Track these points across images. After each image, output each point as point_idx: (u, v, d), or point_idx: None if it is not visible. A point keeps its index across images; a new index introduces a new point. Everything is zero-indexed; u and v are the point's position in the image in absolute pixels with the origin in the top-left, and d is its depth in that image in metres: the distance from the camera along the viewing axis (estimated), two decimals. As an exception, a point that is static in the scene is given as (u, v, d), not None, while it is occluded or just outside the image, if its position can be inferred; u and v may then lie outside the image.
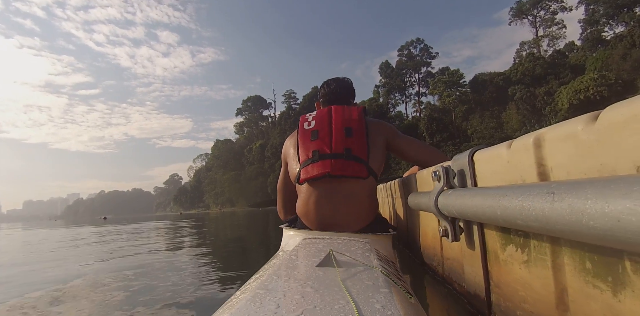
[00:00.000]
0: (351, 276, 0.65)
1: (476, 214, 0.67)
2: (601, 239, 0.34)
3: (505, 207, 0.52)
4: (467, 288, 1.00)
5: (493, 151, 0.76)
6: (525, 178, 0.64)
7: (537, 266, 0.64)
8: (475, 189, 0.70)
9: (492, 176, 0.77)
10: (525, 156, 0.62)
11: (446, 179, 0.92)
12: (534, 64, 41.09)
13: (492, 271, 0.84)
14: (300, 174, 1.42)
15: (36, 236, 7.33)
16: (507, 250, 0.75)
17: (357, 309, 0.46)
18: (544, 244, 0.61)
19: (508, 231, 0.74)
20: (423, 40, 56.99)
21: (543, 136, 0.58)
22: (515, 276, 0.72)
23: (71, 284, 1.97)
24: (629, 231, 0.29)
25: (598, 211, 0.32)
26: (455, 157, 0.95)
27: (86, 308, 1.47)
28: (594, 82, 29.86)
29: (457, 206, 0.77)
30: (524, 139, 0.63)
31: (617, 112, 0.41)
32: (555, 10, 48.06)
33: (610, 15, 38.09)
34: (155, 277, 2.02)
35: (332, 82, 1.81)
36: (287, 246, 1.31)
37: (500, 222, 0.57)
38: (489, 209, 0.59)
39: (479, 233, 0.87)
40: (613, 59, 31.81)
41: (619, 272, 0.45)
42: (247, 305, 0.49)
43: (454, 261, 1.15)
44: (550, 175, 0.57)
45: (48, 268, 2.68)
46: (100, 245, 4.44)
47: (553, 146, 0.55)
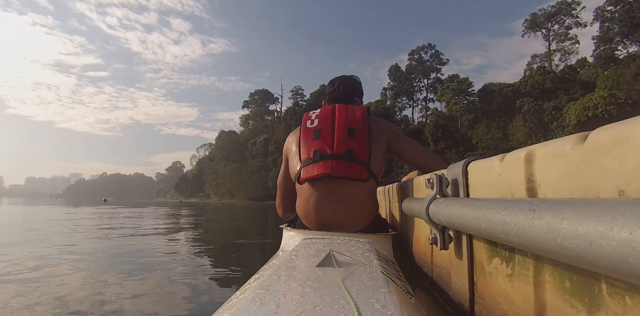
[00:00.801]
0: (351, 276, 0.65)
1: (463, 225, 0.68)
2: (574, 260, 0.34)
3: (490, 220, 0.53)
4: (453, 297, 1.01)
5: (486, 162, 0.76)
6: (514, 192, 0.64)
7: (519, 280, 0.65)
8: (464, 200, 0.71)
9: (483, 188, 0.78)
10: (516, 170, 0.63)
11: (439, 188, 0.92)
12: (544, 78, 40.86)
13: (478, 282, 0.84)
14: (300, 173, 1.41)
15: (36, 215, 7.37)
16: (493, 262, 0.75)
17: (357, 309, 0.47)
18: (527, 259, 0.62)
19: (495, 243, 0.74)
20: (434, 46, 56.83)
21: (534, 151, 0.58)
22: (499, 289, 0.73)
23: (68, 283, 1.88)
24: (599, 255, 0.29)
25: (572, 232, 0.33)
26: (451, 166, 0.95)
27: (85, 308, 1.43)
28: (603, 100, 29.67)
29: (447, 215, 0.77)
30: (516, 154, 0.63)
31: (605, 134, 0.41)
32: (569, 25, 47.81)
33: (625, 34, 37.89)
34: (153, 276, 1.99)
35: (337, 80, 1.78)
36: (287, 246, 1.32)
37: (484, 234, 0.58)
38: (475, 221, 0.60)
39: (467, 243, 0.87)
40: (624, 78, 31.61)
41: (595, 293, 0.45)
42: (247, 305, 0.50)
43: (443, 269, 1.15)
44: (538, 192, 0.57)
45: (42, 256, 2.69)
46: (102, 238, 4.42)
47: (543, 162, 0.55)
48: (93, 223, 5.71)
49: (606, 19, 40.13)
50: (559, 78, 40.58)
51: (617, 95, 29.77)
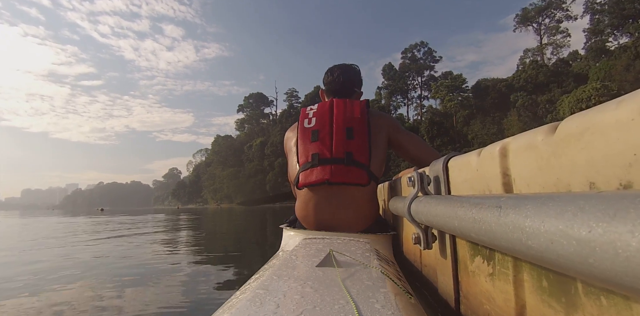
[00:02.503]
0: (351, 276, 0.65)
1: (441, 224, 0.65)
2: (538, 260, 0.31)
3: (462, 218, 0.50)
4: (440, 297, 0.98)
5: (465, 158, 0.73)
6: (492, 187, 0.62)
7: (500, 280, 0.62)
8: (441, 198, 0.68)
9: (463, 184, 0.75)
10: (492, 165, 0.60)
11: (420, 186, 0.89)
12: (537, 72, 41.07)
13: (462, 282, 0.81)
14: (299, 178, 1.38)
15: (29, 225, 7.31)
16: (475, 261, 0.72)
17: (357, 309, 0.46)
18: (507, 258, 0.59)
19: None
20: (427, 44, 57.08)
21: (508, 145, 0.55)
22: (482, 288, 0.70)
23: (66, 283, 1.89)
24: (561, 255, 0.27)
25: (534, 230, 0.30)
26: (432, 163, 0.93)
27: (85, 308, 1.43)
28: (596, 92, 29.82)
29: (426, 213, 0.74)
30: (491, 148, 0.61)
31: (573, 123, 0.38)
32: (560, 19, 48.15)
33: (615, 25, 38.11)
34: (153, 277, 1.98)
35: (337, 69, 1.70)
36: (287, 246, 1.31)
37: (458, 233, 0.55)
38: (449, 219, 0.57)
39: (450, 242, 0.85)
40: (616, 70, 31.82)
41: (572, 293, 0.42)
42: (247, 305, 0.49)
43: (430, 269, 1.12)
44: (513, 186, 0.54)
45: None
46: (99, 240, 4.40)
47: (516, 156, 0.53)
48: (89, 229, 5.66)
49: (596, 11, 40.36)
50: (552, 71, 40.80)
51: (609, 86, 29.92)
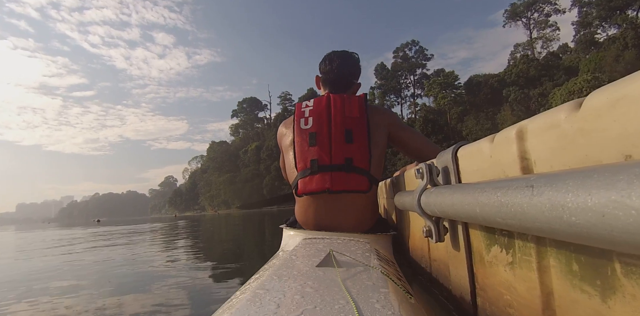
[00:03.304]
0: (351, 276, 0.65)
1: (457, 213, 0.63)
2: (585, 237, 0.29)
3: (484, 204, 0.48)
4: (454, 292, 0.96)
5: (476, 146, 0.72)
6: (508, 173, 0.60)
7: (522, 268, 0.60)
8: (455, 186, 0.66)
9: (475, 173, 0.73)
10: (508, 149, 0.58)
11: (429, 177, 0.87)
12: (528, 66, 41.33)
13: (478, 273, 0.79)
14: (298, 185, 1.35)
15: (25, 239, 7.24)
16: (492, 251, 0.70)
17: (357, 309, 0.46)
18: (528, 244, 0.57)
19: (492, 230, 0.69)
20: (418, 42, 57.30)
21: (525, 127, 0.53)
22: (500, 278, 0.68)
23: (66, 287, 1.89)
24: (615, 228, 0.25)
25: (580, 205, 0.28)
26: (440, 153, 0.91)
27: (85, 309, 1.43)
28: (587, 83, 30.02)
29: (439, 204, 0.72)
30: (506, 132, 0.59)
31: (601, 97, 0.36)
32: (548, 13, 48.53)
33: (603, 17, 38.45)
34: (153, 278, 1.99)
35: (336, 59, 1.59)
36: (287, 246, 1.30)
37: (480, 220, 0.53)
38: (468, 206, 0.55)
39: (463, 233, 0.83)
40: (606, 61, 32.10)
41: (608, 275, 0.40)
42: (247, 305, 0.49)
43: (441, 263, 1.10)
44: (533, 169, 0.52)
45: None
46: (98, 248, 4.36)
47: (535, 137, 0.51)
48: (84, 240, 5.61)
49: (584, 4, 40.75)
50: (543, 65, 41.07)
51: (600, 78, 30.15)
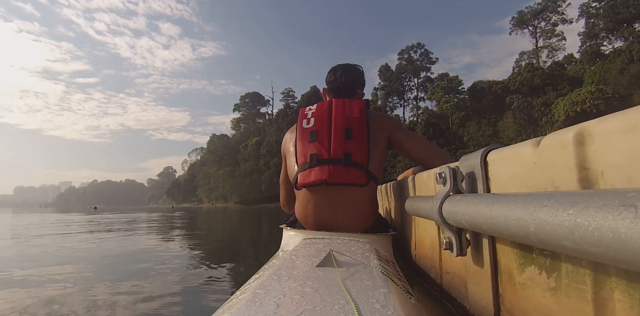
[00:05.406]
0: (351, 276, 0.65)
1: (494, 227, 0.54)
2: None
3: (546, 222, 0.39)
4: (471, 310, 0.87)
5: (513, 150, 0.63)
6: (559, 184, 0.51)
7: (569, 296, 0.51)
8: (494, 196, 0.57)
9: (510, 181, 0.64)
10: (562, 155, 0.49)
11: (453, 183, 0.78)
12: (533, 74, 41.21)
13: (505, 294, 0.70)
14: (297, 178, 1.36)
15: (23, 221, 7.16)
16: (527, 272, 0.61)
17: (357, 309, 0.46)
18: (583, 270, 0.48)
19: (530, 248, 0.60)
20: (424, 45, 57.12)
21: (589, 129, 0.44)
22: (536, 304, 0.59)
23: (63, 283, 1.82)
24: None
25: None
26: (464, 157, 0.82)
27: (85, 309, 1.37)
28: (591, 95, 29.98)
29: (468, 215, 0.63)
30: (560, 135, 0.50)
31: None
32: (555, 22, 48.35)
33: (609, 29, 38.32)
34: (151, 277, 1.93)
35: (340, 69, 1.69)
36: (287, 246, 1.31)
37: (533, 241, 0.43)
38: (515, 222, 0.46)
39: (489, 248, 0.74)
40: (611, 73, 31.99)
41: None
42: (247, 305, 0.49)
43: (455, 276, 1.01)
44: (599, 181, 0.43)
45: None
46: (94, 239, 4.28)
47: (604, 142, 0.41)
48: (82, 227, 5.52)
49: (591, 15, 40.57)
50: (547, 74, 40.96)
51: (604, 90, 30.09)
